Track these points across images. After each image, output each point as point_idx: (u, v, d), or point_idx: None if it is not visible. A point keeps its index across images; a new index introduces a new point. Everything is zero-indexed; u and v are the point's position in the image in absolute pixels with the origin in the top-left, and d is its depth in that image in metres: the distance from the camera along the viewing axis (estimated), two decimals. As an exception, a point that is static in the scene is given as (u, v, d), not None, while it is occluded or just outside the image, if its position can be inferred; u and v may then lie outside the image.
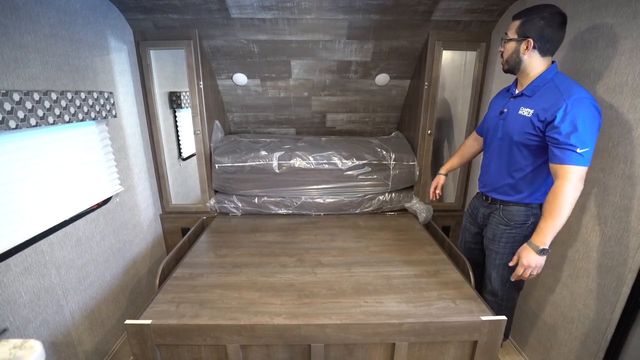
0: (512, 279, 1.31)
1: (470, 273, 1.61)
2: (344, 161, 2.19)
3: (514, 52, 1.28)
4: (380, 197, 2.29)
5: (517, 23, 1.25)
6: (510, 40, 1.27)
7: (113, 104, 1.70)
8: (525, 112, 1.26)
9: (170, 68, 2.47)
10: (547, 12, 1.20)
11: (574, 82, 1.21)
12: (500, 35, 1.92)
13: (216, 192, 2.36)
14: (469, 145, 1.75)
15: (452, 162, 1.80)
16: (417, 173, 2.28)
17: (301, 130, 2.77)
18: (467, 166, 2.33)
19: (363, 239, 1.94)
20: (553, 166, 1.19)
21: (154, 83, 2.09)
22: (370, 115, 2.65)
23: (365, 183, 2.23)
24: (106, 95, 1.64)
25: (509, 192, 1.39)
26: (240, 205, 2.30)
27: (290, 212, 2.30)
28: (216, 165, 2.21)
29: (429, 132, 2.21)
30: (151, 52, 2.03)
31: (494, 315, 1.25)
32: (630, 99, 1.20)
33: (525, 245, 1.24)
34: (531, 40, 1.22)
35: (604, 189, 1.31)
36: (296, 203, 2.27)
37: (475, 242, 1.65)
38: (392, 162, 2.22)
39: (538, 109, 1.22)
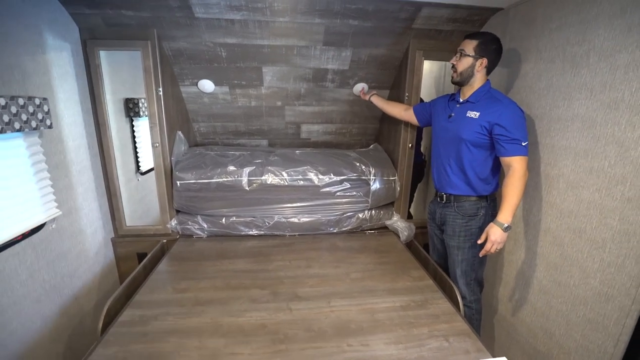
0: (481, 255, 1.47)
1: (460, 300, 1.49)
2: (321, 177, 2.02)
3: (469, 67, 1.46)
4: (360, 215, 2.13)
5: (474, 42, 1.44)
6: (468, 56, 1.45)
7: (47, 112, 1.42)
8: (473, 114, 1.47)
9: (126, 71, 2.20)
10: (496, 39, 1.44)
11: (503, 94, 1.50)
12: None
13: (178, 212, 2.11)
14: (398, 108, 1.97)
15: (381, 102, 2.05)
16: (398, 189, 2.15)
17: (274, 141, 2.58)
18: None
19: (342, 264, 1.77)
20: (505, 159, 1.40)
21: (104, 88, 1.82)
22: (348, 126, 2.51)
23: (344, 200, 2.07)
24: (38, 101, 1.36)
25: (459, 185, 1.57)
26: (205, 226, 2.06)
27: (262, 233, 2.09)
28: (178, 182, 1.96)
29: (410, 145, 2.10)
30: (101, 52, 1.76)
31: (493, 358, 1.11)
32: (628, 116, 1.13)
33: (491, 224, 1.41)
34: (486, 60, 1.44)
35: (600, 212, 1.22)
36: (268, 223, 2.06)
37: (444, 247, 1.72)
38: (371, 177, 2.08)
39: (483, 113, 1.43)
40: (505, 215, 1.38)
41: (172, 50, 1.90)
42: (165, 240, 2.05)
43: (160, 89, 1.85)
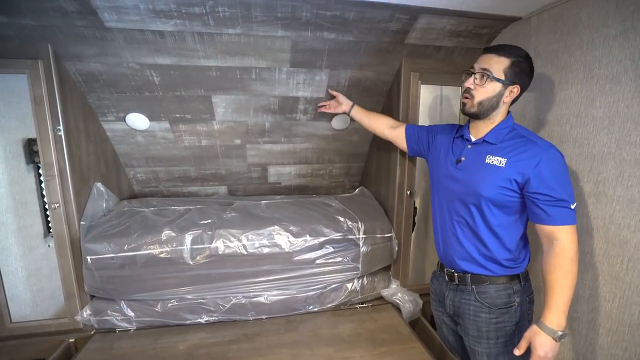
0: None
1: None
2: (293, 240, 1.48)
3: (495, 95, 1.04)
4: (348, 286, 1.59)
5: (505, 61, 1.02)
6: (496, 80, 1.02)
7: None
8: (496, 161, 1.04)
9: (26, 104, 1.64)
10: (529, 58, 1.04)
11: (532, 131, 1.09)
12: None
13: (93, 297, 1.49)
14: (381, 123, 1.49)
15: (362, 114, 1.53)
16: (396, 248, 1.65)
17: (235, 188, 2.04)
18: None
19: (329, 374, 1.21)
20: (546, 228, 0.99)
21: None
22: (326, 166, 2.02)
23: (326, 269, 1.53)
24: None
25: (478, 259, 1.11)
26: (132, 315, 1.45)
27: (215, 319, 1.50)
28: (88, 258, 1.37)
29: (409, 192, 1.62)
30: (-37, 78, 1.22)
31: None
32: None
33: (536, 329, 0.97)
34: (518, 88, 1.04)
35: None
36: (224, 306, 1.48)
37: (461, 342, 1.25)
38: (361, 235, 1.57)
39: (512, 160, 1.01)
40: (556, 316, 0.95)
41: (80, 73, 1.37)
42: (72, 340, 1.44)
43: (61, 128, 1.30)
